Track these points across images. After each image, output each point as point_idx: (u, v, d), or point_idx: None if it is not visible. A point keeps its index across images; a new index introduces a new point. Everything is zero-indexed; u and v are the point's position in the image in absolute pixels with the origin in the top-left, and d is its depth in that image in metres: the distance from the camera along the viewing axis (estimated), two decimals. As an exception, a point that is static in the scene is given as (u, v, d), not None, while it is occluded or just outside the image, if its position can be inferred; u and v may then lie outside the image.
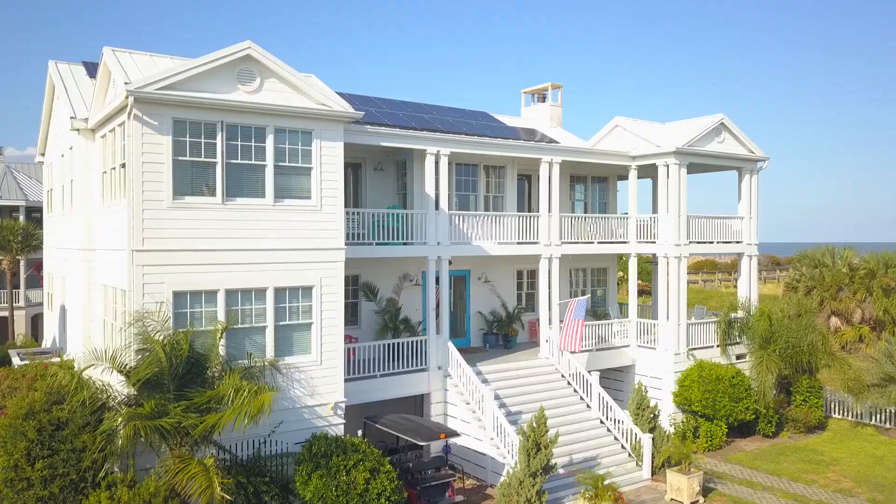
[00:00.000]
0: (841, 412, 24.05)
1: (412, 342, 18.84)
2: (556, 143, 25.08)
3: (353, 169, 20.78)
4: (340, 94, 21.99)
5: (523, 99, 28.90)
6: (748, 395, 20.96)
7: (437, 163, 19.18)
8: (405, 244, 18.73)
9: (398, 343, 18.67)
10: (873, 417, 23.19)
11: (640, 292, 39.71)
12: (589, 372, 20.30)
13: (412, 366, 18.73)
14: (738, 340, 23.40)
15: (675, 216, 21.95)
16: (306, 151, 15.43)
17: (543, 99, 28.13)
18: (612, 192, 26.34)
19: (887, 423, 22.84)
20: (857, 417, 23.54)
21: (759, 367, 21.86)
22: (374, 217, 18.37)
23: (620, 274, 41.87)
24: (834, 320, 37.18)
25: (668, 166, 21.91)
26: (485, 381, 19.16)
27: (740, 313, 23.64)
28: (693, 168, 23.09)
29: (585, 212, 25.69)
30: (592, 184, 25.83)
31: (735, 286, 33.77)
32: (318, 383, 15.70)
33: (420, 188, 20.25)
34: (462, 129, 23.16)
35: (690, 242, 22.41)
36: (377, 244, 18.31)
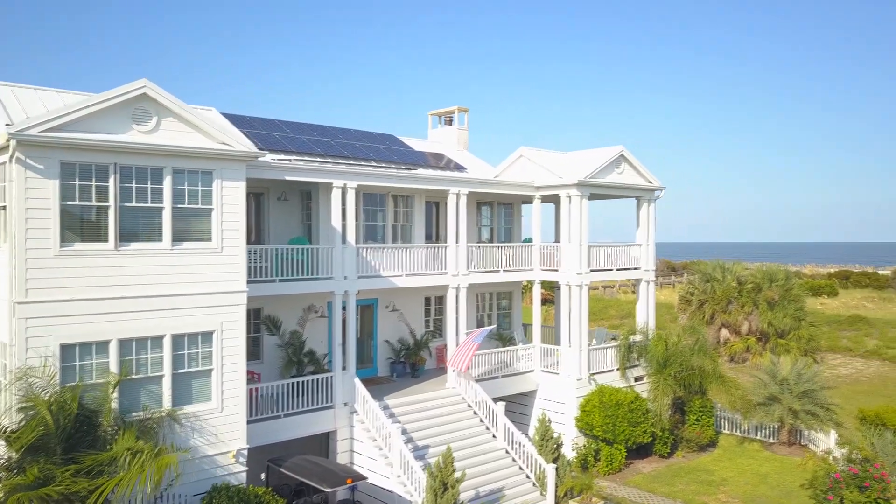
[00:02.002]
0: (730, 428, 25.39)
1: (317, 380, 18.53)
2: (464, 168, 25.30)
3: (256, 198, 20.21)
4: (241, 118, 21.52)
5: (430, 121, 28.97)
6: (646, 419, 21.81)
7: (343, 195, 18.95)
8: (311, 279, 18.38)
9: (303, 381, 18.30)
10: (759, 433, 24.62)
11: (545, 301, 40.91)
12: (494, 400, 20.60)
13: (318, 403, 18.43)
14: (636, 363, 24.32)
15: (577, 245, 22.56)
16: (206, 192, 14.87)
17: (450, 122, 28.28)
18: (518, 216, 26.80)
19: (771, 438, 24.30)
20: (744, 433, 24.93)
21: (657, 390, 22.81)
22: (278, 253, 17.94)
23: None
24: (724, 332, 39.31)
25: (570, 197, 22.50)
26: (391, 416, 19.10)
27: (639, 337, 24.57)
28: (595, 196, 23.82)
29: (492, 236, 26.05)
30: (498, 208, 26.19)
31: (634, 292, 35.01)
32: (220, 431, 15.19)
33: (326, 219, 19.95)
34: (369, 155, 22.99)
35: (591, 270, 23.09)
36: (281, 280, 17.88)
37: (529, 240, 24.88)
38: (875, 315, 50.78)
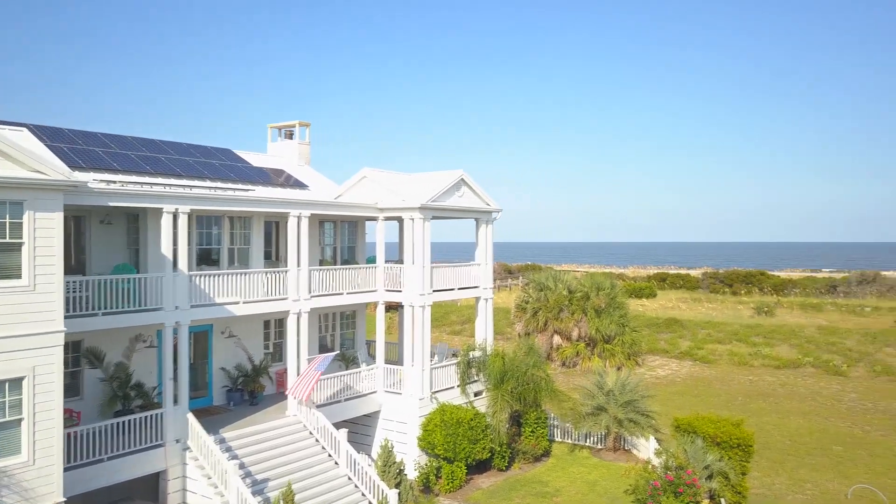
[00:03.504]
0: (563, 436, 26.80)
1: (145, 417, 17.37)
2: (305, 186, 24.77)
3: (76, 222, 18.59)
4: (58, 131, 19.70)
5: (270, 133, 28.09)
6: (485, 436, 22.49)
7: (175, 219, 17.87)
8: (139, 311, 17.17)
9: (129, 420, 17.06)
10: (588, 440, 26.20)
11: (389, 308, 41.04)
12: (338, 425, 20.37)
13: (146, 442, 17.28)
14: (475, 378, 25.02)
15: (420, 267, 22.82)
16: (16, 225, 13.45)
17: (291, 136, 27.60)
18: (361, 234, 26.67)
19: (599, 445, 25.93)
20: (575, 440, 26.41)
21: (495, 406, 23.60)
22: (101, 283, 16.58)
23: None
24: (556, 338, 41.42)
25: (413, 220, 22.70)
26: (228, 451, 18.31)
27: (478, 353, 25.30)
28: (437, 217, 24.19)
29: (335, 255, 25.71)
30: (342, 225, 25.91)
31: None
32: (33, 485, 13.81)
33: (156, 244, 18.72)
34: (204, 173, 21.90)
35: (434, 291, 23.45)
36: (105, 314, 16.54)
37: (373, 259, 24.82)
38: (687, 316, 55.73)
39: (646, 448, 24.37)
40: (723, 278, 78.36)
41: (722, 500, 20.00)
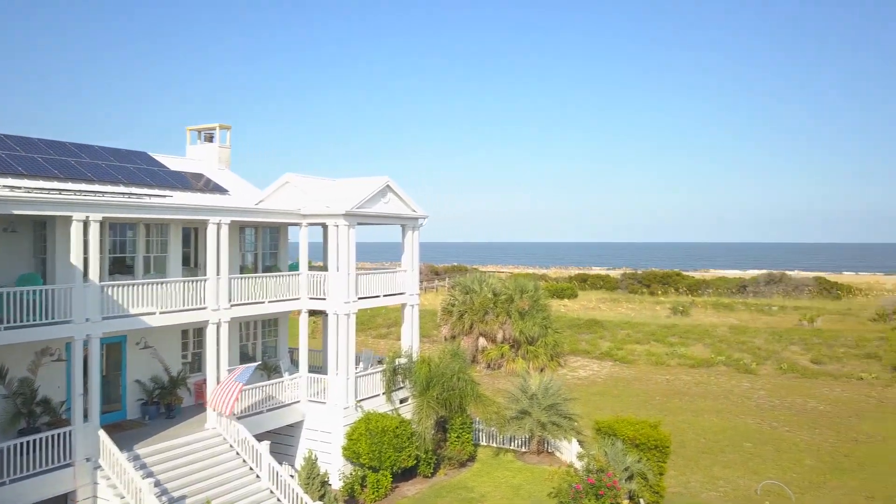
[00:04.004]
0: (488, 440, 27.03)
1: (53, 436, 16.48)
2: (226, 191, 24.11)
3: (-25, 229, 17.49)
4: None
5: (189, 136, 27.20)
6: (410, 444, 22.42)
7: (86, 227, 17.03)
8: (46, 324, 16.26)
9: (34, 440, 16.16)
10: (512, 443, 26.51)
11: (313, 312, 40.44)
12: (260, 437, 19.91)
13: (53, 462, 16.39)
14: (401, 385, 24.93)
15: (344, 274, 22.54)
16: None
17: (211, 139, 26.80)
18: (284, 239, 26.15)
19: (523, 448, 26.28)
20: (500, 444, 26.67)
21: (421, 413, 23.56)
22: (3, 295, 15.62)
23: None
24: (482, 341, 41.85)
25: (338, 227, 22.41)
26: (143, 468, 17.60)
27: (404, 359, 25.20)
28: (362, 223, 23.96)
29: (256, 262, 25.12)
30: (264, 231, 25.34)
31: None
32: (-76, 515, 12.91)
33: (64, 254, 17.80)
34: (118, 178, 20.99)
35: (359, 298, 23.23)
36: (7, 328, 15.58)
37: (296, 265, 24.38)
38: (607, 317, 57.22)
39: (568, 450, 24.84)
40: (641, 279, 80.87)
41: (641, 500, 20.59)
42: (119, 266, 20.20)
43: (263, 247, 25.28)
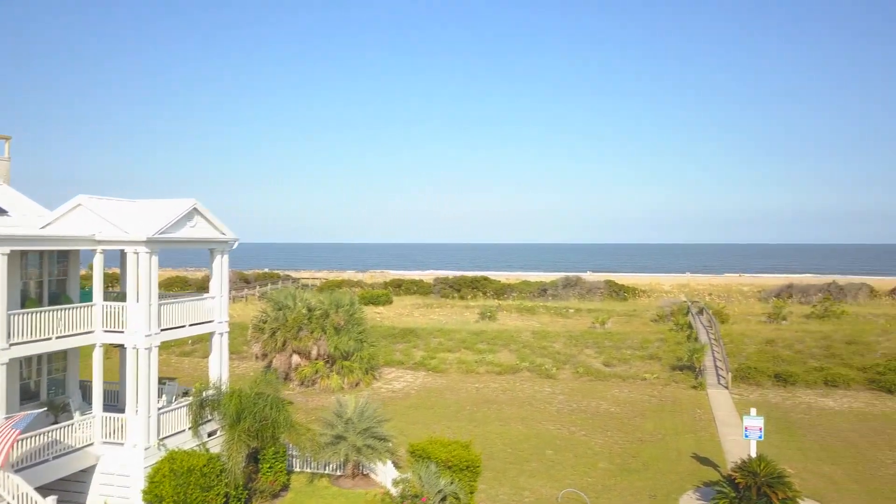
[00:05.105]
0: (302, 466, 26.50)
1: None
2: (5, 212, 21.55)
3: None
4: None
5: (-44, 146, 23.95)
6: (219, 481, 21.42)
7: None
8: None
9: None
10: (327, 467, 26.23)
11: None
12: (45, 490, 18.01)
13: None
14: (209, 418, 23.72)
15: (145, 304, 21.03)
16: None
17: (-16, 150, 23.80)
18: (74, 264, 23.81)
19: (338, 471, 26.09)
20: (314, 469, 26.27)
21: (231, 448, 22.55)
22: None
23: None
24: (295, 358, 40.98)
25: (138, 254, 20.85)
26: None
27: (212, 391, 24.00)
28: (166, 248, 22.48)
29: (40, 289, 22.64)
30: (50, 256, 22.90)
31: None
32: None
33: None
34: None
35: (162, 330, 21.79)
36: None
37: (90, 293, 22.33)
38: (420, 323, 58.57)
39: (383, 472, 25.04)
40: (452, 283, 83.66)
41: (453, 521, 21.27)
42: None
43: (50, 274, 22.86)
